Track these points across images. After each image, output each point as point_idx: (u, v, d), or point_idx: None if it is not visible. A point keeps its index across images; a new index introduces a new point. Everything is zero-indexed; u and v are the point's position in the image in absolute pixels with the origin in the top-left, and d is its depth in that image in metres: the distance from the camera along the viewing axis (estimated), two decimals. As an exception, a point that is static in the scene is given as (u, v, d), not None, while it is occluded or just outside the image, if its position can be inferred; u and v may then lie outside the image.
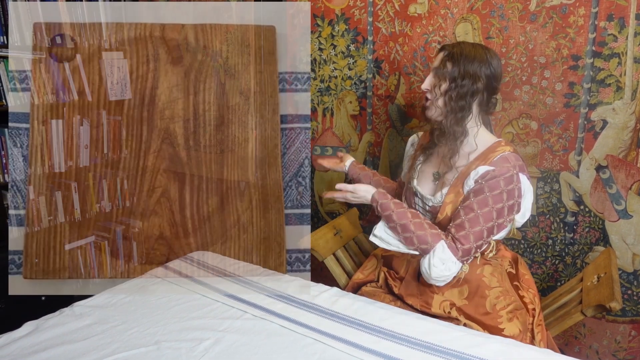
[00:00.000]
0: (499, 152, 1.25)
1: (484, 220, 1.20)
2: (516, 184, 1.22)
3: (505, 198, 1.21)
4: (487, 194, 1.20)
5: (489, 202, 1.20)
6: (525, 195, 1.26)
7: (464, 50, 1.27)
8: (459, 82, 1.26)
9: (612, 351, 1.70)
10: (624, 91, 1.51)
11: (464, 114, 1.28)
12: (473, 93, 1.27)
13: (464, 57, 1.26)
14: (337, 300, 1.26)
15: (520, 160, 1.25)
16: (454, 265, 1.21)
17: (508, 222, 1.25)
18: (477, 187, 1.22)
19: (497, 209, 1.21)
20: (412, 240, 1.24)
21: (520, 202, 1.25)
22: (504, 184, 1.20)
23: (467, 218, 1.21)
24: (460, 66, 1.25)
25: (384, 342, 1.07)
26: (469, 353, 1.02)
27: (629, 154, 1.55)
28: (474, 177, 1.24)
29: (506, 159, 1.23)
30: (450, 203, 1.28)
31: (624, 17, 1.47)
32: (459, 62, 1.26)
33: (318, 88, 2.08)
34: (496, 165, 1.22)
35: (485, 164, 1.24)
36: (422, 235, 1.23)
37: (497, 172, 1.20)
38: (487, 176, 1.21)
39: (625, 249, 1.60)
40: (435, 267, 1.20)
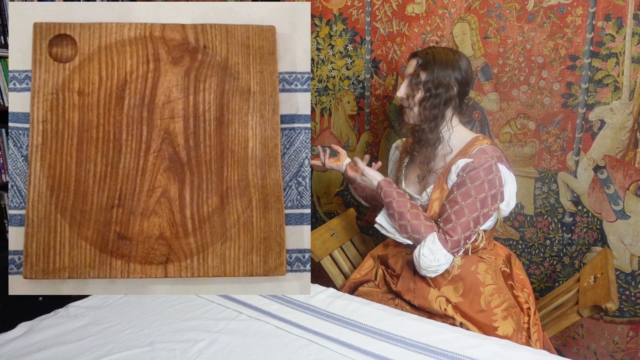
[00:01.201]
0: (477, 146, 1.30)
1: (468, 211, 1.24)
2: (496, 173, 1.26)
3: (487, 188, 1.25)
4: (469, 185, 1.24)
5: (471, 192, 1.24)
6: (507, 184, 1.30)
7: (436, 58, 1.30)
8: (433, 92, 1.30)
9: (610, 352, 1.71)
10: (621, 91, 1.52)
11: (437, 121, 1.33)
12: (446, 101, 1.31)
13: (437, 65, 1.29)
14: (333, 301, 1.27)
15: (499, 151, 1.30)
16: (443, 257, 1.24)
17: (493, 211, 1.29)
18: (459, 180, 1.26)
19: (481, 199, 1.24)
20: (406, 228, 1.28)
21: (502, 190, 1.29)
22: (484, 174, 1.24)
23: (453, 211, 1.25)
24: (434, 75, 1.29)
25: (379, 343, 1.08)
26: (464, 354, 1.03)
27: (626, 154, 1.55)
28: (455, 171, 1.28)
29: (484, 150, 1.28)
30: (437, 200, 1.32)
31: (621, 17, 1.47)
32: (432, 70, 1.30)
33: (316, 88, 2.08)
34: (475, 157, 1.27)
35: (465, 157, 1.29)
36: (416, 225, 1.27)
37: (476, 164, 1.25)
38: (467, 168, 1.26)
39: (623, 250, 1.61)
40: (424, 256, 1.24)
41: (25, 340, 1.08)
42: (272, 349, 1.07)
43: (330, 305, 1.25)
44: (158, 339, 1.10)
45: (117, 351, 1.05)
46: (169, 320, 1.18)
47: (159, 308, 1.23)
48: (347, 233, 1.80)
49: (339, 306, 1.24)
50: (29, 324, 1.15)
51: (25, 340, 1.08)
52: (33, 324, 1.15)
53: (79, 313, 1.20)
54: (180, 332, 1.13)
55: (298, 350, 1.06)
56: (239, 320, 1.18)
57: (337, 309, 1.23)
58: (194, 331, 1.13)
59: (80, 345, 1.07)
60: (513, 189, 1.32)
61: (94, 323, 1.16)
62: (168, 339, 1.10)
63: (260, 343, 1.09)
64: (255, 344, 1.08)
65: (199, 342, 1.08)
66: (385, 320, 1.17)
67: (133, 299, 1.27)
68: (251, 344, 1.08)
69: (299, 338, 1.10)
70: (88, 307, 1.23)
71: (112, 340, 1.09)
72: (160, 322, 1.17)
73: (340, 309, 1.22)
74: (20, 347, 1.05)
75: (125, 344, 1.07)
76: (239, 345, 1.08)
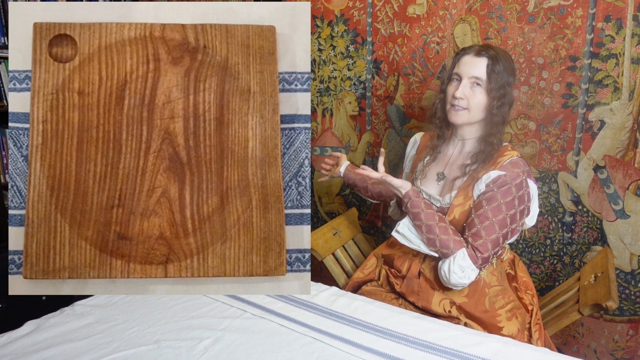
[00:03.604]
0: (507, 157, 1.25)
1: (499, 227, 1.21)
2: (525, 189, 1.23)
3: (517, 204, 1.22)
4: (501, 201, 1.21)
5: (502, 209, 1.21)
6: (533, 199, 1.28)
7: (504, 59, 1.24)
8: (505, 96, 1.24)
9: (610, 350, 1.71)
10: (621, 92, 1.52)
11: (505, 125, 1.28)
12: (511, 105, 1.28)
13: (505, 67, 1.24)
14: (336, 299, 1.27)
15: (527, 165, 1.27)
16: (473, 273, 1.22)
17: (520, 226, 1.26)
18: (490, 194, 1.22)
19: (511, 215, 1.22)
20: (435, 242, 1.24)
21: (529, 205, 1.27)
22: (515, 191, 1.21)
23: (483, 226, 1.22)
24: (504, 77, 1.24)
25: (382, 341, 1.08)
26: (467, 352, 1.03)
27: (626, 154, 1.55)
28: (485, 181, 1.24)
29: (516, 164, 1.24)
30: (459, 205, 1.29)
31: (621, 18, 1.48)
32: (501, 72, 1.24)
33: (317, 89, 2.08)
34: (506, 170, 1.22)
35: (496, 168, 1.24)
36: (445, 240, 1.23)
37: (508, 178, 1.21)
38: (498, 181, 1.22)
39: (622, 249, 1.61)
40: (454, 273, 1.21)
41: (32, 338, 1.08)
42: (276, 347, 1.07)
43: (334, 303, 1.25)
44: (164, 337, 1.10)
45: (123, 349, 1.05)
46: (175, 318, 1.18)
47: (165, 306, 1.23)
48: (350, 232, 1.80)
49: (342, 304, 1.24)
50: (36, 322, 1.15)
51: (32, 338, 1.08)
52: (40, 322, 1.15)
53: (85, 311, 1.20)
54: (185, 330, 1.13)
55: (302, 348, 1.06)
56: (243, 319, 1.18)
57: (340, 307, 1.23)
58: (199, 329, 1.13)
59: (86, 343, 1.07)
60: (537, 202, 1.30)
61: (100, 321, 1.16)
62: (173, 337, 1.10)
63: (264, 341, 1.09)
64: (259, 341, 1.09)
65: (204, 340, 1.08)
66: (388, 318, 1.17)
67: (138, 298, 1.27)
68: (255, 341, 1.09)
69: (303, 336, 1.10)
70: (94, 305, 1.23)
71: (118, 338, 1.09)
72: (165, 320, 1.17)
73: (343, 307, 1.23)
74: (27, 345, 1.06)
75: (131, 342, 1.08)
76: (243, 343, 1.08)
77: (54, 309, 1.23)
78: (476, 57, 1.26)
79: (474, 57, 1.26)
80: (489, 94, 1.25)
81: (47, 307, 1.25)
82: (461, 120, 1.30)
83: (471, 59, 1.27)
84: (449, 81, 1.32)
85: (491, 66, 1.24)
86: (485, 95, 1.26)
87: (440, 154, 1.40)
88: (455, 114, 1.29)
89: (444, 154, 1.40)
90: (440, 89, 1.37)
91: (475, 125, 1.32)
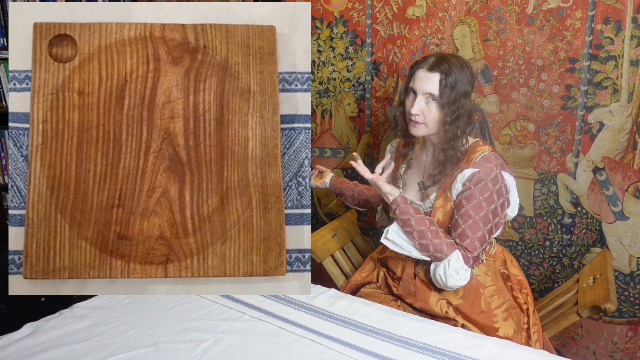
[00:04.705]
0: (479, 153, 1.27)
1: (483, 224, 1.24)
2: (502, 182, 1.25)
3: (496, 198, 1.24)
4: (480, 198, 1.23)
5: (482, 205, 1.23)
6: (511, 190, 1.30)
7: (456, 72, 1.23)
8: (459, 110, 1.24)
9: (609, 352, 1.71)
10: (620, 94, 1.52)
11: (463, 137, 1.28)
12: (469, 114, 1.27)
13: (459, 81, 1.23)
14: (335, 301, 1.27)
15: (500, 158, 1.29)
16: (467, 273, 1.24)
17: (503, 219, 1.29)
18: (468, 192, 1.24)
19: (492, 210, 1.24)
20: (428, 247, 1.25)
21: (508, 197, 1.28)
22: (492, 185, 1.23)
23: (467, 226, 1.24)
24: (457, 91, 1.23)
25: (381, 344, 1.08)
26: (465, 354, 1.04)
27: (625, 156, 1.56)
28: (460, 180, 1.26)
29: (488, 158, 1.26)
30: (440, 207, 1.31)
31: (620, 20, 1.48)
32: (455, 87, 1.23)
33: (317, 90, 2.08)
34: (479, 166, 1.24)
35: (469, 165, 1.26)
36: (438, 244, 1.24)
37: (483, 174, 1.23)
38: (473, 178, 1.24)
39: (621, 251, 1.61)
40: (451, 276, 1.23)
41: (31, 341, 1.09)
42: (275, 349, 1.07)
43: (333, 305, 1.25)
44: (163, 339, 1.10)
45: (122, 351, 1.05)
46: (173, 320, 1.18)
47: (164, 308, 1.24)
48: (349, 234, 1.80)
49: (341, 307, 1.24)
50: (35, 325, 1.15)
51: (31, 341, 1.09)
52: (39, 324, 1.15)
53: (84, 313, 1.21)
54: (184, 332, 1.13)
55: (301, 350, 1.06)
56: (242, 321, 1.18)
57: (339, 310, 1.23)
58: (198, 331, 1.13)
59: (85, 345, 1.08)
60: (515, 193, 1.32)
61: (99, 323, 1.16)
62: (172, 339, 1.11)
63: (263, 343, 1.09)
64: (258, 344, 1.09)
65: (203, 342, 1.09)
66: (386, 320, 1.18)
67: (137, 300, 1.27)
68: (254, 344, 1.09)
69: (302, 338, 1.11)
70: (93, 307, 1.24)
71: (117, 340, 1.10)
72: (164, 322, 1.17)
73: (342, 310, 1.23)
74: (26, 348, 1.06)
75: (130, 344, 1.08)
76: (242, 345, 1.08)
77: (53, 310, 1.23)
78: (429, 73, 1.25)
79: (427, 73, 1.25)
80: (442, 109, 1.25)
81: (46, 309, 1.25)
82: (420, 133, 1.31)
83: (424, 74, 1.25)
84: (406, 94, 1.32)
85: (444, 81, 1.22)
86: (439, 111, 1.25)
87: (415, 161, 1.42)
88: (415, 128, 1.29)
89: (419, 160, 1.41)
90: (400, 101, 1.36)
91: (439, 134, 1.32)
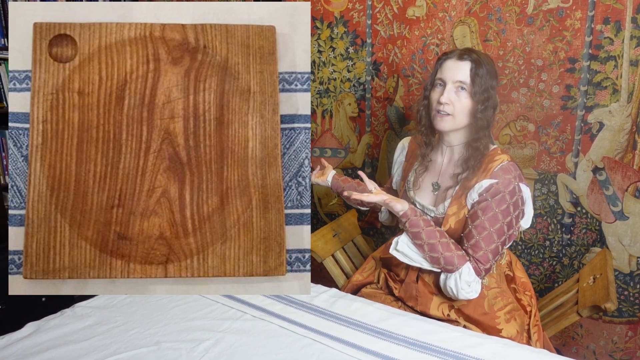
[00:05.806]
0: (497, 162, 1.24)
1: (497, 236, 1.22)
2: (519, 194, 1.23)
3: (512, 210, 1.21)
4: (496, 210, 1.20)
5: (498, 217, 1.20)
6: (527, 202, 1.27)
7: (485, 62, 1.23)
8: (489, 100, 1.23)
9: (609, 351, 1.71)
10: (620, 94, 1.53)
11: (490, 129, 1.26)
12: (495, 107, 1.26)
13: (487, 70, 1.23)
14: (336, 301, 1.27)
15: (518, 169, 1.25)
16: (478, 285, 1.23)
17: (517, 230, 1.26)
18: (484, 203, 1.21)
19: (507, 223, 1.22)
20: (439, 260, 1.23)
21: (524, 209, 1.26)
22: (509, 198, 1.21)
23: (481, 237, 1.21)
24: (487, 81, 1.22)
25: (382, 343, 1.08)
26: (466, 353, 1.04)
27: (625, 156, 1.56)
28: (477, 191, 1.23)
29: (507, 169, 1.22)
30: (453, 215, 1.28)
31: (620, 21, 1.48)
32: (484, 76, 1.22)
33: (317, 90, 2.08)
34: (498, 178, 1.21)
35: (487, 176, 1.23)
36: (449, 257, 1.22)
37: (501, 186, 1.20)
38: (491, 190, 1.21)
39: (621, 250, 1.62)
40: (462, 289, 1.22)
41: (33, 340, 1.09)
42: (276, 348, 1.07)
43: (333, 305, 1.25)
44: (164, 339, 1.10)
45: (123, 350, 1.05)
46: (175, 320, 1.18)
47: (165, 308, 1.24)
48: (349, 234, 1.80)
49: (342, 306, 1.24)
50: (36, 324, 1.15)
51: (33, 340, 1.09)
52: (40, 324, 1.15)
53: (85, 313, 1.20)
54: (185, 331, 1.13)
55: (302, 350, 1.06)
56: (243, 320, 1.18)
57: (339, 309, 1.23)
58: (199, 331, 1.13)
59: (87, 344, 1.08)
60: (531, 204, 1.29)
61: (100, 323, 1.16)
62: (174, 338, 1.11)
63: (264, 342, 1.09)
64: (259, 343, 1.09)
65: (204, 342, 1.09)
66: (387, 319, 1.17)
67: (138, 299, 1.27)
68: (255, 343, 1.09)
69: (303, 337, 1.11)
70: (94, 307, 1.23)
71: (118, 339, 1.10)
72: (165, 321, 1.17)
73: (342, 309, 1.23)
74: (28, 347, 1.06)
75: (132, 344, 1.08)
76: (243, 345, 1.08)
77: (54, 310, 1.23)
78: (459, 61, 1.24)
79: (457, 61, 1.24)
80: (473, 98, 1.23)
81: (47, 308, 1.25)
82: (447, 126, 1.27)
83: (454, 63, 1.25)
84: (433, 87, 1.30)
85: (475, 70, 1.22)
86: (469, 100, 1.24)
87: (431, 162, 1.38)
88: (441, 120, 1.27)
89: (434, 162, 1.38)
90: (424, 95, 1.34)
91: (461, 131, 1.30)
